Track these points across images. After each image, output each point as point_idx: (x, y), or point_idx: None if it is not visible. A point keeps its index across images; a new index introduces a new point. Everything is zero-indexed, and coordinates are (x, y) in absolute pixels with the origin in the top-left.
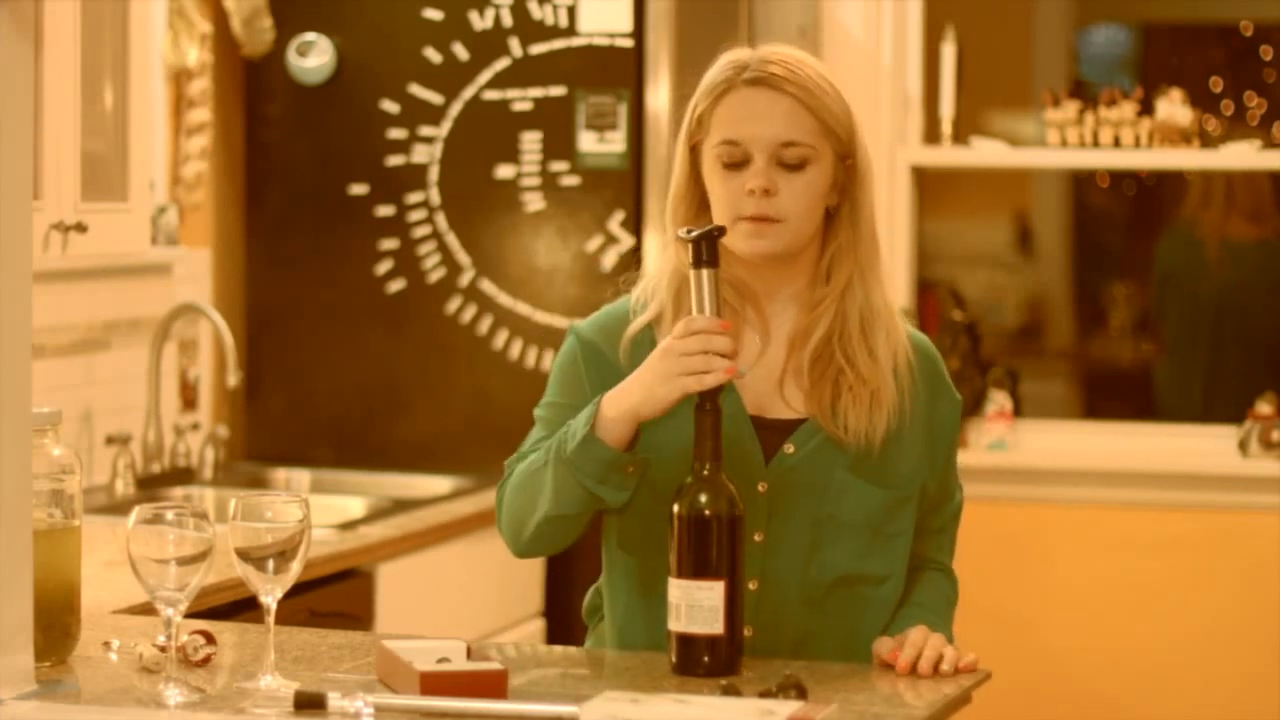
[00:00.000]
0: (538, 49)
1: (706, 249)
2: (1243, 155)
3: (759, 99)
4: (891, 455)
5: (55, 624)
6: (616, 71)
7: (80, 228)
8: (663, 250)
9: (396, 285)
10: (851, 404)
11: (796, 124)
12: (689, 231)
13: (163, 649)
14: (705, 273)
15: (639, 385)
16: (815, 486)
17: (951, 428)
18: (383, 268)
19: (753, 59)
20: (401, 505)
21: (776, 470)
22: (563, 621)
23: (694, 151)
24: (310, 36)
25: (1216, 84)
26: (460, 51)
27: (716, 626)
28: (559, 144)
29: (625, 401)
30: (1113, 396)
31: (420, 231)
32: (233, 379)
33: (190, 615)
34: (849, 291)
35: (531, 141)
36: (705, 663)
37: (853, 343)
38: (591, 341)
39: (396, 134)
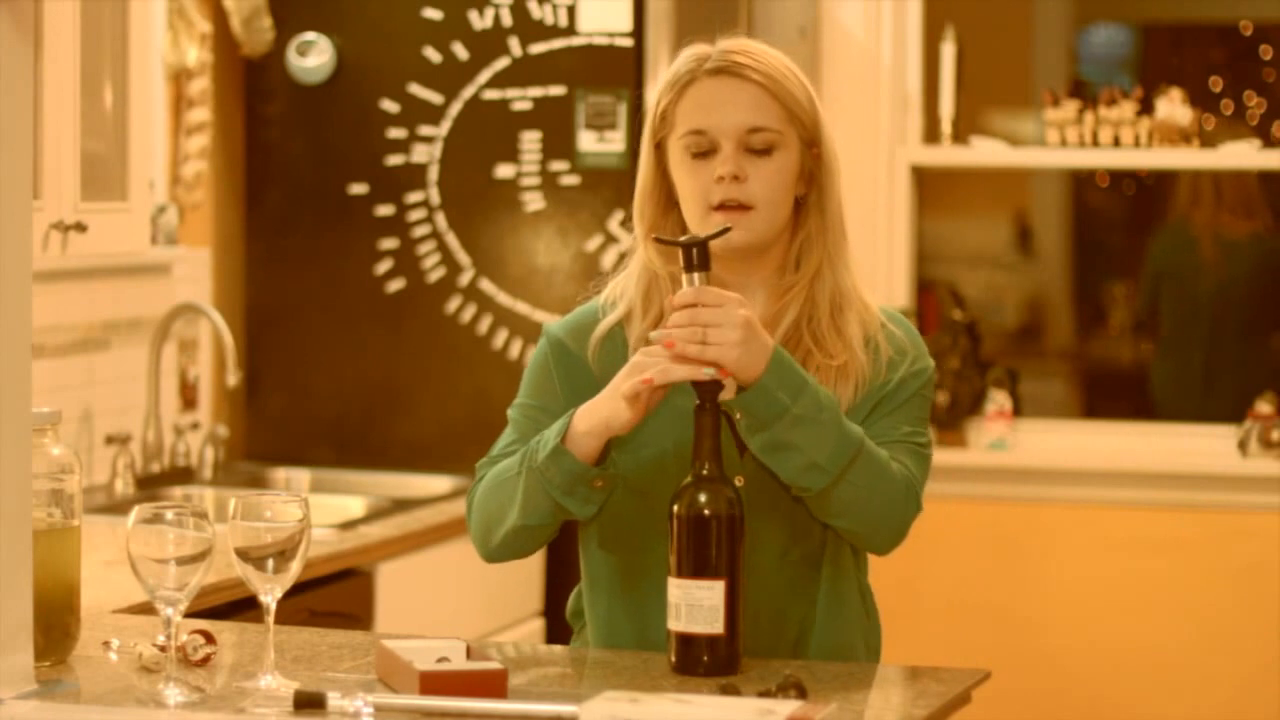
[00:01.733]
0: (537, 48)
1: (698, 254)
2: (1242, 155)
3: (723, 87)
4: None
5: (55, 624)
6: (616, 71)
7: (80, 227)
8: (633, 249)
9: (396, 285)
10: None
11: (762, 110)
12: (689, 237)
13: (162, 649)
14: (697, 276)
15: (608, 399)
16: None
17: (918, 383)
18: (382, 267)
19: (714, 51)
20: (401, 505)
21: (751, 464)
22: (563, 621)
23: (659, 149)
24: (310, 36)
25: (1216, 84)
26: (460, 51)
27: (716, 626)
28: (559, 143)
29: (596, 415)
30: (1112, 396)
31: (420, 231)
32: (232, 379)
33: (190, 615)
34: (818, 278)
35: (531, 141)
36: (705, 662)
37: (822, 326)
38: (561, 342)
39: (396, 134)
